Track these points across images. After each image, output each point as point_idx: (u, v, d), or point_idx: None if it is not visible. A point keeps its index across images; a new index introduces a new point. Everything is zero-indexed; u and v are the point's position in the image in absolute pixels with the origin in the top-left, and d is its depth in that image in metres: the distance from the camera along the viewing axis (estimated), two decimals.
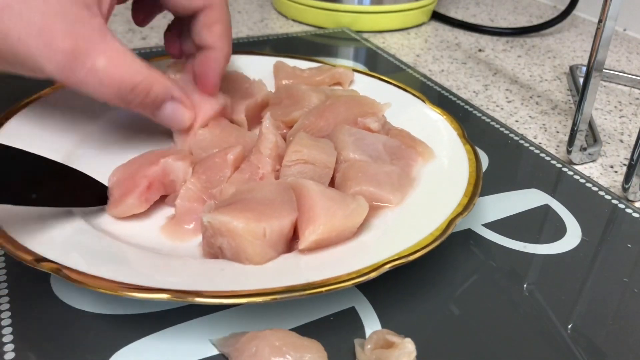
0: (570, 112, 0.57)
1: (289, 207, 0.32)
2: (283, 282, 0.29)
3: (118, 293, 0.27)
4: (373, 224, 0.34)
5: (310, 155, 0.36)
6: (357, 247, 0.32)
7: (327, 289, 0.28)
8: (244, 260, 0.31)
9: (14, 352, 0.28)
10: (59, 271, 0.28)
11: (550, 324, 0.31)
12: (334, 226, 0.31)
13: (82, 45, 0.33)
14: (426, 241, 0.31)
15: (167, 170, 0.36)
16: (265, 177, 0.36)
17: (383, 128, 0.42)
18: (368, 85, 0.50)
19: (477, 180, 0.37)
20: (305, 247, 0.31)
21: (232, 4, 0.84)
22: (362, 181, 0.36)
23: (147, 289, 0.27)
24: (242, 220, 0.30)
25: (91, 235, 0.33)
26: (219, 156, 0.37)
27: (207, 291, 0.28)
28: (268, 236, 0.30)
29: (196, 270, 0.31)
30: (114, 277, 0.28)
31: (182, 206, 0.35)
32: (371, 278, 0.29)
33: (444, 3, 0.89)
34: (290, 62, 0.52)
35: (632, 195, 0.43)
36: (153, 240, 0.34)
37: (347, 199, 0.33)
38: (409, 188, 0.37)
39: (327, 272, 0.29)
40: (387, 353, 0.27)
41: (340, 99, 0.44)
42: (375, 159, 0.38)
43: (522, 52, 0.72)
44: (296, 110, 0.44)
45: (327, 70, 0.50)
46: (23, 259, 0.29)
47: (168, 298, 0.27)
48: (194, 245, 0.34)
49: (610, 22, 0.42)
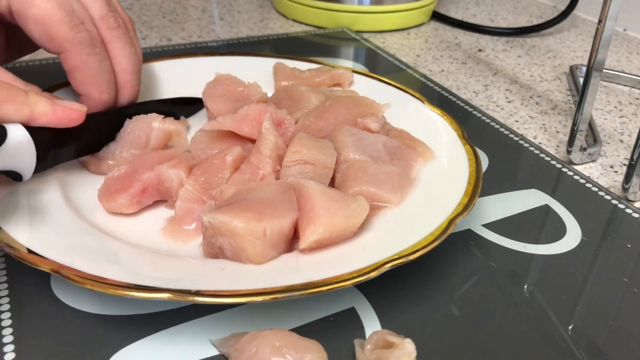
0: (570, 112, 0.57)
1: (289, 207, 0.32)
2: (283, 282, 0.29)
3: (118, 293, 0.27)
4: (373, 224, 0.35)
5: (310, 156, 0.36)
6: (358, 247, 0.32)
7: (328, 288, 0.28)
8: (244, 260, 0.31)
9: (14, 352, 0.28)
10: (58, 271, 0.28)
11: (550, 324, 0.31)
12: (334, 226, 0.32)
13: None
14: (426, 241, 0.32)
15: (162, 177, 0.36)
16: (265, 178, 0.36)
17: (383, 128, 0.42)
18: (367, 86, 0.50)
19: (477, 181, 0.37)
20: (305, 247, 0.31)
21: (232, 4, 0.84)
22: (362, 181, 0.36)
23: (147, 289, 0.27)
24: (243, 219, 0.30)
25: (91, 235, 0.33)
26: (218, 157, 0.37)
27: (207, 290, 0.28)
28: (268, 236, 0.31)
29: (196, 270, 0.31)
30: (114, 277, 0.28)
31: (182, 207, 0.35)
32: (371, 277, 0.29)
33: (444, 3, 0.89)
34: (289, 63, 0.52)
35: (632, 195, 0.43)
36: (154, 241, 0.34)
37: (348, 198, 0.33)
38: (409, 188, 0.37)
39: (328, 271, 0.29)
40: (387, 353, 0.27)
41: (339, 99, 0.44)
42: (375, 159, 0.38)
43: (522, 52, 0.72)
44: (296, 111, 0.44)
45: (327, 72, 0.50)
46: (23, 258, 0.29)
47: (169, 298, 0.27)
48: (195, 246, 0.34)
49: (610, 22, 0.42)
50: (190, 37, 0.70)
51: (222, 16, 0.79)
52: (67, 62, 0.37)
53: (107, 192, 0.35)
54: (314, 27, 0.76)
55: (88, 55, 0.37)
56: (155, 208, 0.37)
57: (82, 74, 0.37)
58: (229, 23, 0.76)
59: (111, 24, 0.39)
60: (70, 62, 0.37)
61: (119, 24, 0.39)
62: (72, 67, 0.37)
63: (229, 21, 0.77)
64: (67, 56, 0.37)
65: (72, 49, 0.36)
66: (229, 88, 0.47)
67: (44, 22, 0.35)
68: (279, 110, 0.41)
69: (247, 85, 0.47)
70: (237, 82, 0.47)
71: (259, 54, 0.54)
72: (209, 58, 0.53)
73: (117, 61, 0.39)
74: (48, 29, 0.35)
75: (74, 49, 0.36)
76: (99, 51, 0.38)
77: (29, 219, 0.32)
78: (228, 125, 0.39)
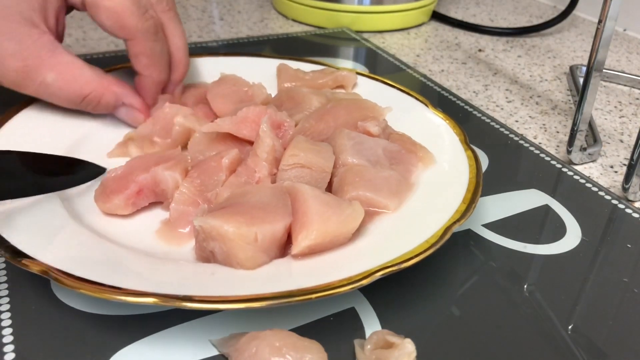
0: (570, 112, 0.57)
1: (282, 211, 0.32)
2: (274, 288, 0.28)
3: (105, 296, 0.27)
4: (369, 230, 0.34)
5: (307, 159, 0.36)
6: (351, 253, 0.32)
7: (317, 295, 0.28)
8: (235, 264, 0.30)
9: (14, 352, 0.28)
10: (47, 273, 0.28)
11: (550, 324, 0.31)
12: (327, 231, 0.31)
13: (31, 63, 0.37)
14: (421, 248, 0.31)
15: (157, 179, 0.36)
16: (261, 181, 0.36)
17: (384, 132, 0.42)
18: (371, 88, 0.50)
19: (477, 187, 0.36)
20: (298, 253, 0.31)
21: (232, 4, 0.84)
22: (359, 186, 0.35)
23: (134, 293, 0.27)
24: (234, 224, 0.30)
25: (84, 237, 0.32)
26: (215, 160, 0.37)
27: (196, 296, 0.27)
28: (260, 241, 0.30)
29: (186, 274, 0.30)
30: (103, 280, 0.28)
31: (176, 210, 0.35)
32: (363, 285, 0.29)
33: (444, 3, 0.89)
34: (293, 64, 0.52)
35: (632, 195, 0.43)
36: (148, 243, 0.34)
37: (343, 204, 0.32)
38: (407, 193, 0.37)
39: (319, 278, 0.29)
40: (387, 353, 0.27)
41: (341, 102, 0.43)
42: (374, 164, 0.38)
43: (522, 52, 0.72)
44: (297, 113, 0.43)
45: (330, 73, 0.50)
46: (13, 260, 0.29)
47: (154, 302, 0.27)
48: (189, 249, 0.33)
49: (610, 22, 0.42)
50: (190, 37, 0.70)
51: (222, 16, 0.79)
52: (134, 48, 0.41)
53: (103, 193, 0.35)
54: (314, 27, 0.76)
55: (153, 42, 0.41)
56: (151, 210, 0.37)
57: (147, 58, 0.41)
58: (229, 23, 0.76)
59: (164, 7, 0.43)
60: (136, 47, 0.41)
61: (170, 6, 0.43)
62: (138, 52, 0.41)
63: (229, 21, 0.77)
64: (134, 43, 0.40)
65: (141, 37, 0.40)
66: (234, 88, 0.46)
67: (116, 13, 0.39)
68: (278, 113, 0.40)
69: (252, 85, 0.47)
70: (242, 83, 0.47)
71: (264, 54, 0.54)
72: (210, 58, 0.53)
73: (172, 41, 0.44)
74: (120, 19, 0.39)
75: (142, 37, 0.40)
76: (161, 36, 0.42)
77: (21, 219, 0.32)
78: (226, 127, 0.39)
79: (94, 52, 0.63)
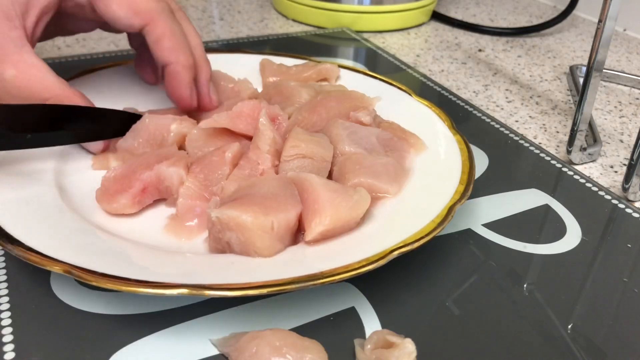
0: (570, 112, 0.57)
1: (293, 200, 0.33)
2: (294, 273, 0.29)
3: (136, 291, 0.27)
4: (374, 215, 0.35)
5: (308, 150, 0.36)
6: (362, 237, 0.33)
7: (340, 277, 0.29)
8: (252, 253, 0.31)
9: (14, 352, 0.28)
10: (70, 272, 0.28)
11: (550, 324, 0.31)
12: (339, 217, 0.32)
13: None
14: (429, 228, 0.32)
15: (161, 176, 0.36)
16: (265, 173, 0.36)
17: (374, 121, 0.43)
18: (354, 80, 0.51)
19: (471, 169, 0.38)
20: (311, 239, 0.32)
21: (232, 4, 0.84)
22: (360, 173, 0.36)
23: (163, 285, 0.27)
24: (251, 214, 0.30)
25: (95, 235, 0.32)
26: (217, 154, 0.37)
27: (221, 284, 0.28)
28: (276, 229, 0.31)
29: (206, 266, 0.31)
30: (127, 275, 0.28)
31: (183, 204, 0.35)
32: (380, 265, 0.30)
33: (444, 3, 0.89)
34: (275, 59, 0.52)
35: (632, 195, 0.43)
36: (157, 239, 0.34)
37: (350, 190, 0.33)
38: (404, 178, 0.38)
39: (337, 261, 0.30)
40: (387, 353, 0.27)
41: (330, 94, 0.44)
42: (370, 152, 0.39)
43: (522, 52, 0.72)
44: (287, 106, 0.44)
45: (313, 67, 0.51)
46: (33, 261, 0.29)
47: (188, 293, 0.27)
48: (199, 242, 0.34)
49: (610, 22, 0.42)
50: None
51: (222, 16, 0.79)
52: (154, 32, 0.39)
53: (106, 193, 0.35)
54: (314, 27, 0.76)
55: (173, 22, 0.39)
56: (154, 207, 0.37)
57: (170, 40, 0.39)
58: (229, 23, 0.76)
59: (174, 6, 0.41)
60: (156, 30, 0.39)
61: (179, 6, 0.42)
62: (160, 35, 0.39)
63: (229, 21, 0.77)
64: (153, 26, 0.39)
65: (158, 17, 0.38)
66: (220, 85, 0.47)
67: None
68: (271, 106, 0.41)
69: (237, 81, 0.48)
70: (227, 79, 0.48)
71: (243, 50, 0.55)
72: None
73: (189, 39, 0.42)
74: (132, 3, 0.38)
75: (160, 17, 0.38)
76: (177, 19, 0.40)
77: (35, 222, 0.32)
78: (223, 122, 0.39)
79: (94, 52, 0.63)
